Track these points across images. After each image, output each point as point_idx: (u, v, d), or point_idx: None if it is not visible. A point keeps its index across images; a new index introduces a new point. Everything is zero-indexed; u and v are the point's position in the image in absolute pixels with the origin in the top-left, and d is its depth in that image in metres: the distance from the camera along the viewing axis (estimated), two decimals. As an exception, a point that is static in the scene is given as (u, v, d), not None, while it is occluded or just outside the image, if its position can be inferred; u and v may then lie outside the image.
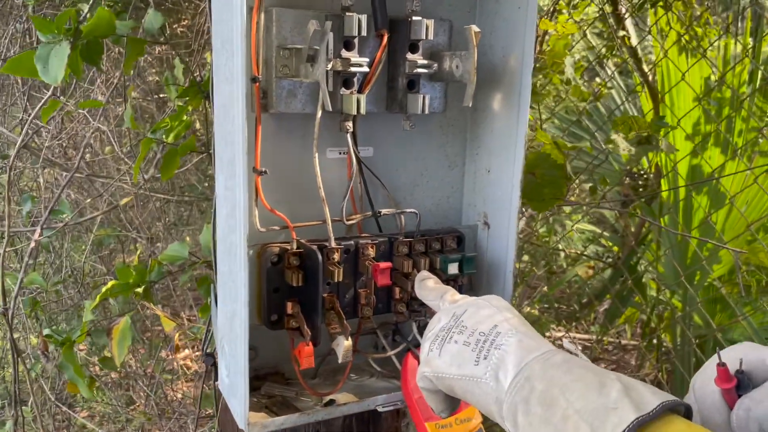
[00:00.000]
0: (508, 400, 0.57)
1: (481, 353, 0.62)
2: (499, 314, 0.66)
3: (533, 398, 0.55)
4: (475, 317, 0.67)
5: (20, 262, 2.23)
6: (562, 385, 0.54)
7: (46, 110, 1.13)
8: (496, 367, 0.60)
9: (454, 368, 0.63)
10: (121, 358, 1.15)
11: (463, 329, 0.66)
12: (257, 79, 0.77)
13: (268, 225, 0.84)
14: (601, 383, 0.53)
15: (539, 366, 0.57)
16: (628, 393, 0.51)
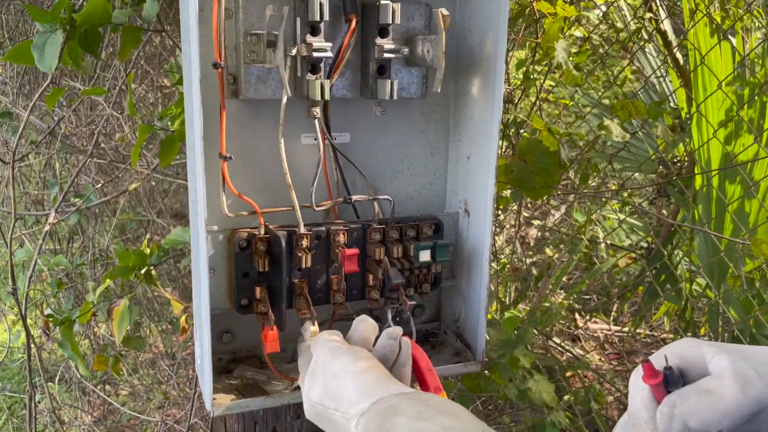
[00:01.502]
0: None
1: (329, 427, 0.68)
2: (334, 378, 0.69)
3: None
4: (323, 388, 0.69)
5: (54, 244, 2.33)
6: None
7: (49, 97, 1.17)
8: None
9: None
10: (121, 337, 1.19)
11: (316, 405, 0.69)
12: (219, 65, 0.77)
13: (240, 210, 0.85)
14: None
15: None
16: None
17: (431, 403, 0.60)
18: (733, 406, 0.51)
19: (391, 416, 0.59)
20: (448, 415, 0.58)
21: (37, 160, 2.12)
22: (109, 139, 1.91)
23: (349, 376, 0.67)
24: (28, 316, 1.42)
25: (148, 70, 1.97)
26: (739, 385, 0.51)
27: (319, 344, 0.74)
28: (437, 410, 0.58)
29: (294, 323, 0.87)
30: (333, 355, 0.71)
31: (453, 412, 0.59)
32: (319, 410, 0.69)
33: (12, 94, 2.19)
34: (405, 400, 0.61)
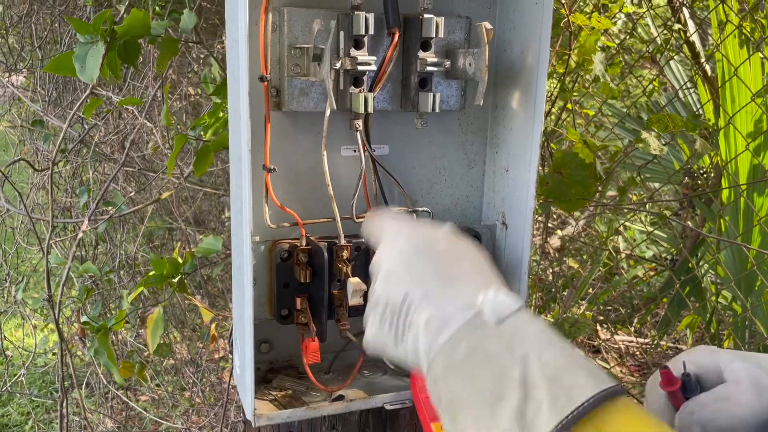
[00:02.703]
0: (429, 389, 0.56)
1: (397, 335, 0.59)
2: (407, 273, 0.60)
3: (442, 405, 0.53)
4: (387, 283, 0.61)
5: (80, 251, 2.35)
6: (459, 401, 0.51)
7: (87, 107, 1.19)
8: (414, 351, 0.57)
9: (380, 348, 0.62)
10: (154, 345, 1.20)
11: (377, 303, 0.61)
12: (265, 78, 0.78)
13: (281, 221, 0.86)
14: (498, 396, 0.49)
15: (442, 365, 0.53)
16: (523, 413, 0.47)
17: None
18: (749, 412, 0.52)
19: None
20: (488, 368, 0.52)
21: (66, 168, 2.15)
22: (138, 148, 1.93)
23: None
24: (52, 315, 1.43)
25: (175, 79, 1.99)
26: (755, 392, 0.52)
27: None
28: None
29: (332, 333, 0.88)
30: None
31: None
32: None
33: (42, 102, 2.23)
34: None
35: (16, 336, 3.44)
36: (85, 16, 1.98)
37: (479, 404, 0.49)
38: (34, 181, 2.21)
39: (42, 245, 1.37)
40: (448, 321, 0.55)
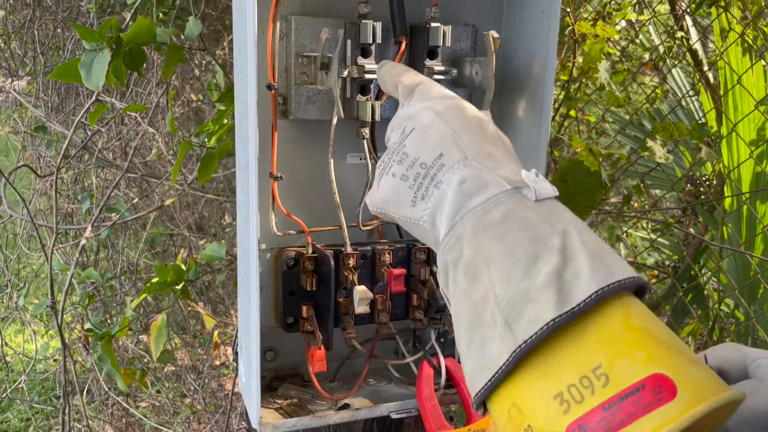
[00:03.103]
0: (441, 257, 0.51)
1: (419, 192, 0.54)
2: (450, 134, 0.56)
3: (461, 265, 0.49)
4: (422, 141, 0.56)
5: (82, 257, 2.35)
6: (489, 258, 0.47)
7: (92, 114, 1.19)
8: (434, 211, 0.52)
9: (391, 206, 0.57)
10: (158, 353, 1.19)
11: (404, 158, 0.56)
12: (273, 87, 0.78)
13: (287, 229, 0.86)
14: (535, 257, 0.45)
15: (472, 224, 0.49)
16: (561, 275, 0.44)
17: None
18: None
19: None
20: (527, 232, 0.48)
21: (68, 174, 2.15)
22: (140, 153, 1.93)
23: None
24: (56, 323, 1.43)
25: (177, 85, 1.99)
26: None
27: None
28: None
29: (339, 343, 0.87)
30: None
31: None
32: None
33: (45, 108, 2.23)
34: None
35: (16, 341, 3.44)
36: (88, 22, 1.98)
37: (512, 262, 0.46)
38: (36, 186, 2.21)
39: (44, 251, 1.36)
40: (486, 186, 0.51)
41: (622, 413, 0.39)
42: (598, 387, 0.41)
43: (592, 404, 0.40)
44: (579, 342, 0.43)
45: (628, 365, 0.41)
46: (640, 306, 0.45)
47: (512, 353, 0.44)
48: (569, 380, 0.42)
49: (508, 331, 0.45)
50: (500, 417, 0.46)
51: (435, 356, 0.91)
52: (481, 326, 0.47)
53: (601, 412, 0.40)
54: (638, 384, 0.40)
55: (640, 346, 0.42)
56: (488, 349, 0.46)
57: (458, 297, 0.49)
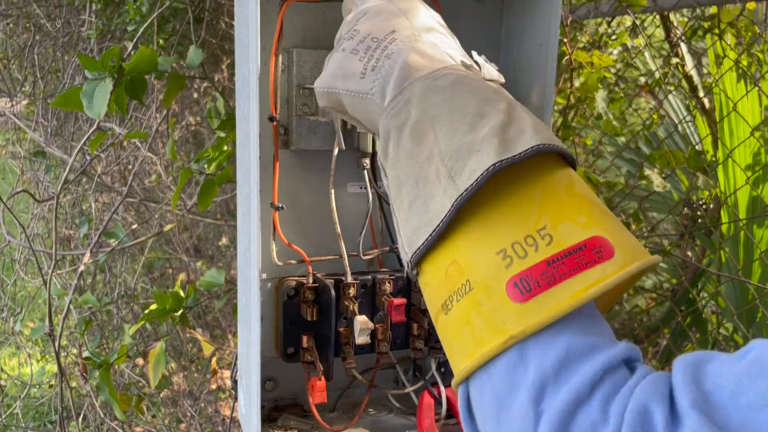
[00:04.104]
0: (383, 123, 0.51)
1: (368, 63, 0.53)
2: (402, 17, 0.55)
3: (406, 127, 0.49)
4: (373, 20, 0.56)
5: (79, 282, 2.34)
6: (436, 117, 0.47)
7: (93, 142, 1.19)
8: (384, 82, 0.52)
9: (339, 81, 0.55)
10: (156, 380, 1.19)
11: (354, 34, 0.55)
12: (275, 119, 0.79)
13: (287, 258, 0.86)
14: (480, 114, 0.46)
15: (420, 88, 0.49)
16: (505, 130, 0.45)
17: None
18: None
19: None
20: (475, 95, 0.49)
21: (67, 198, 2.15)
22: (139, 178, 1.94)
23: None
24: (53, 350, 1.42)
25: (177, 109, 2.00)
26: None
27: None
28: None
29: (339, 372, 0.87)
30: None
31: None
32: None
33: (44, 133, 2.24)
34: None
35: (10, 365, 3.40)
36: (88, 48, 2.00)
37: (458, 119, 0.47)
38: (34, 211, 2.21)
39: (42, 277, 1.36)
40: (435, 60, 0.52)
41: (565, 267, 0.41)
42: (542, 245, 0.42)
43: (535, 260, 0.42)
44: (525, 203, 0.44)
45: (571, 227, 0.43)
46: (578, 177, 0.48)
47: (454, 203, 0.44)
48: (513, 238, 0.43)
49: (451, 183, 0.45)
50: (435, 276, 0.46)
51: (435, 386, 0.90)
52: (425, 185, 0.47)
53: (544, 266, 0.42)
54: (581, 243, 0.42)
55: (582, 211, 0.44)
56: (431, 206, 0.46)
57: (402, 161, 0.49)
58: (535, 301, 0.41)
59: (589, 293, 0.41)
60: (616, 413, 0.37)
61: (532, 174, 0.46)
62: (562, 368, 0.39)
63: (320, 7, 0.84)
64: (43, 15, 2.30)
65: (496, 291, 0.42)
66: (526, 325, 0.41)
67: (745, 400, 0.34)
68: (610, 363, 0.39)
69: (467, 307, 0.44)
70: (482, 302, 0.43)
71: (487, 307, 0.43)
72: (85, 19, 1.91)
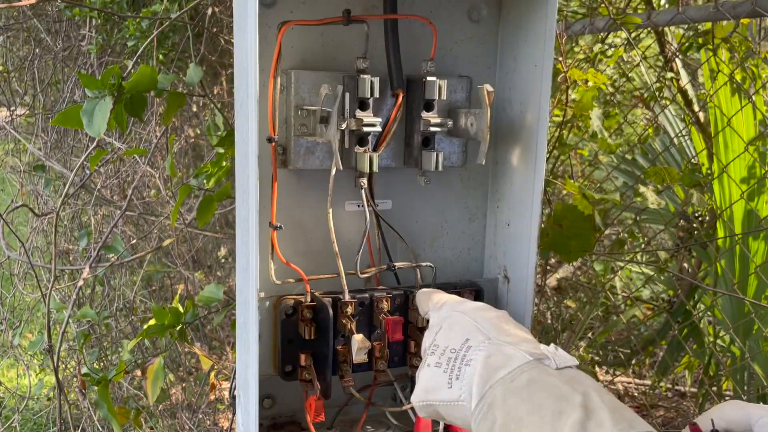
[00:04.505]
0: (475, 427, 0.55)
1: (453, 373, 0.60)
2: (473, 323, 0.64)
3: (495, 428, 0.53)
4: (449, 333, 0.64)
5: (78, 296, 2.34)
6: (519, 419, 0.51)
7: (93, 158, 1.20)
8: (469, 388, 0.57)
9: (431, 394, 0.62)
10: (155, 396, 1.19)
11: (435, 349, 0.64)
12: (273, 140, 0.80)
13: (286, 277, 0.86)
14: (559, 412, 0.50)
15: (501, 391, 0.54)
16: (585, 426, 0.48)
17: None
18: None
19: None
20: (550, 393, 0.54)
21: (66, 212, 2.16)
22: (138, 192, 1.95)
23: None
24: (51, 367, 1.42)
25: (176, 123, 2.01)
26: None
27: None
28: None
29: (336, 389, 0.88)
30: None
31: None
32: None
33: (44, 146, 2.25)
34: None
35: (8, 376, 3.40)
36: (88, 62, 2.01)
37: (539, 420, 0.50)
38: (33, 225, 2.21)
39: (41, 291, 1.36)
40: (510, 358, 0.57)
41: None
42: None
43: None
44: None
45: None
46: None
47: None
48: None
49: None
50: None
51: (432, 403, 0.91)
52: None
53: None
54: None
55: None
56: None
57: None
58: None
59: None
60: None
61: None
62: None
63: (318, 30, 0.86)
64: (44, 29, 2.31)
65: None
66: None
67: None
68: None
69: None
70: None
71: None
72: (86, 34, 1.92)
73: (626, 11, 1.75)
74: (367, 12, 0.87)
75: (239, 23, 0.84)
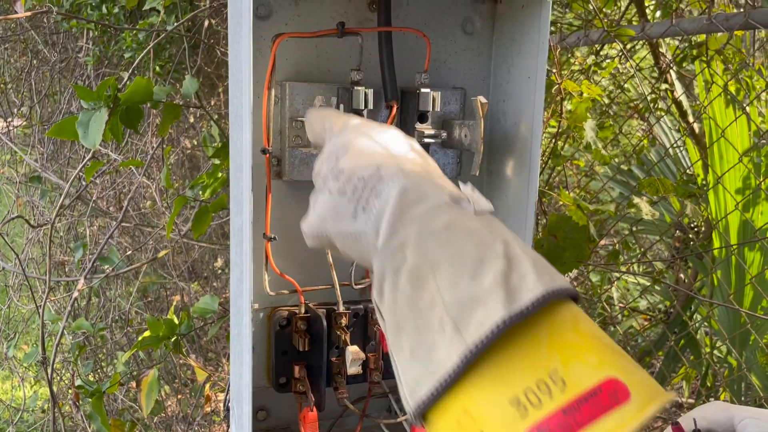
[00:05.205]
0: (378, 262, 0.50)
1: (359, 204, 0.53)
2: (384, 152, 0.56)
3: (403, 272, 0.48)
4: (358, 160, 0.56)
5: (73, 307, 2.33)
6: (435, 263, 0.47)
7: (88, 170, 1.20)
8: (377, 221, 0.52)
9: (330, 223, 0.56)
10: (149, 409, 1.19)
11: (340, 174, 0.56)
12: (267, 151, 0.80)
13: (280, 288, 0.86)
14: (480, 261, 0.46)
15: (415, 231, 0.49)
16: (507, 277, 0.44)
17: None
18: None
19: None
20: (471, 238, 0.49)
21: (62, 223, 2.16)
22: (134, 202, 1.95)
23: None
24: (46, 378, 1.41)
25: (172, 133, 2.02)
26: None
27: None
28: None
29: (330, 401, 0.87)
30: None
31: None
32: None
33: (40, 157, 2.25)
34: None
35: (3, 388, 3.38)
36: (85, 74, 2.02)
37: (459, 267, 0.46)
38: (29, 236, 2.21)
39: (36, 302, 1.36)
40: (426, 196, 0.52)
41: (582, 416, 0.40)
42: (555, 391, 0.41)
43: (551, 408, 0.41)
44: (532, 346, 0.43)
45: (583, 369, 0.42)
46: (583, 313, 0.47)
47: (463, 357, 0.43)
48: (525, 384, 0.42)
49: (457, 334, 0.44)
50: (446, 426, 0.45)
51: (427, 415, 0.91)
52: (428, 332, 0.46)
53: (561, 416, 0.40)
54: (595, 388, 0.41)
55: (592, 350, 0.44)
56: (435, 356, 0.45)
57: (400, 305, 0.48)
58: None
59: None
60: None
61: (536, 315, 0.45)
62: None
63: (312, 42, 0.86)
64: (41, 41, 2.32)
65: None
66: None
67: None
68: None
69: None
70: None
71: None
72: (83, 45, 1.93)
73: (620, 23, 1.76)
74: (361, 24, 0.88)
75: (234, 35, 0.84)
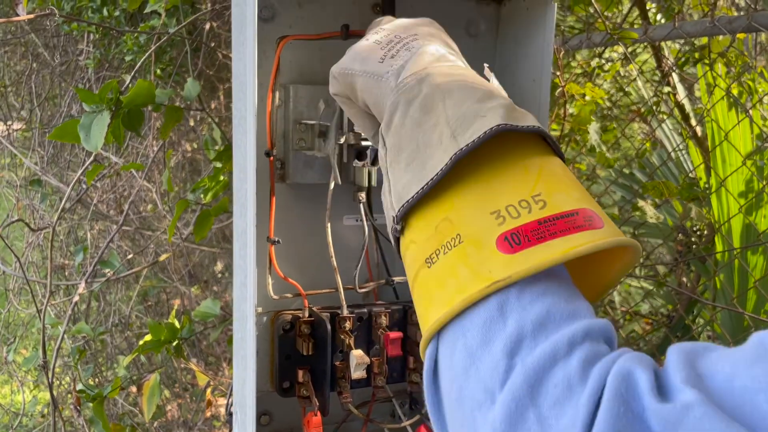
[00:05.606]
0: (392, 98, 0.53)
1: (389, 52, 0.57)
2: (427, 28, 0.61)
3: (416, 100, 0.51)
4: (398, 26, 0.61)
5: (73, 311, 2.32)
6: (447, 92, 0.50)
7: (89, 173, 1.20)
8: (400, 67, 0.55)
9: (357, 63, 0.58)
10: (150, 413, 1.18)
11: (380, 30, 0.61)
12: (271, 153, 0.79)
13: (283, 292, 0.86)
14: (490, 94, 0.49)
15: (434, 71, 0.53)
16: (511, 108, 0.48)
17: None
18: None
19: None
20: (483, 83, 0.53)
21: (62, 226, 2.15)
22: (135, 206, 1.94)
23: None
24: (46, 383, 1.40)
25: (173, 137, 2.01)
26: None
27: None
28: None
29: (334, 406, 0.87)
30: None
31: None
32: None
33: (40, 161, 2.24)
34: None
35: (2, 392, 3.37)
36: (86, 77, 2.01)
37: (469, 93, 0.50)
38: (29, 239, 2.21)
39: (36, 306, 1.35)
40: (449, 58, 0.56)
41: (555, 228, 0.42)
42: (535, 208, 0.44)
43: (528, 219, 0.43)
44: (521, 172, 0.46)
45: (565, 197, 0.45)
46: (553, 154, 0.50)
47: (453, 157, 0.45)
48: (508, 201, 0.44)
49: (452, 141, 0.46)
50: (423, 232, 0.47)
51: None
52: (426, 148, 0.48)
53: (536, 225, 0.43)
54: (573, 210, 0.44)
55: (576, 188, 0.47)
56: (429, 164, 0.47)
57: (407, 128, 0.51)
58: (523, 253, 0.42)
59: (578, 250, 0.41)
60: (597, 376, 0.36)
61: (531, 150, 0.48)
62: (542, 326, 0.39)
63: (316, 44, 0.85)
64: (41, 44, 2.32)
65: (487, 245, 0.43)
66: (512, 272, 0.41)
67: (740, 383, 0.33)
68: (590, 330, 0.39)
69: (454, 258, 0.44)
70: (470, 254, 0.43)
71: (475, 258, 0.43)
72: (83, 48, 1.93)
73: (623, 26, 1.76)
74: (365, 27, 0.87)
75: (238, 38, 0.84)
